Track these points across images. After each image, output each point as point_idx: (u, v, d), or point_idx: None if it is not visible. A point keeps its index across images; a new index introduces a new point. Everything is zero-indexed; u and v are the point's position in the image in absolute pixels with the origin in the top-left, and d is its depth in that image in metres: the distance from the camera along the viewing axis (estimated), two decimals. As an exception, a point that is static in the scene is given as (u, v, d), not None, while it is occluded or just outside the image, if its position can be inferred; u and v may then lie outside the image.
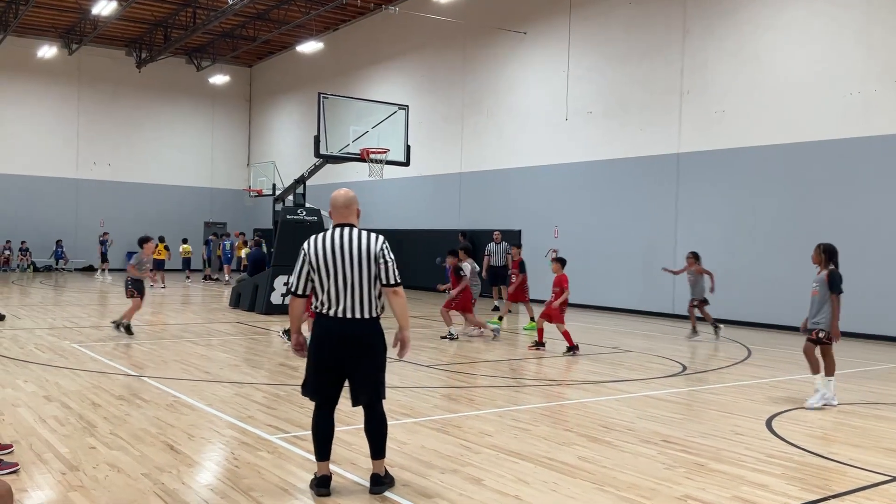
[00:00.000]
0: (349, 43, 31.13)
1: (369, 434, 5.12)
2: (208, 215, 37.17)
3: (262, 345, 12.34)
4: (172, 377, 9.14)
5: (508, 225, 23.13)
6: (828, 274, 8.47)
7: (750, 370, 10.96)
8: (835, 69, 15.88)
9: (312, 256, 5.03)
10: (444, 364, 10.69)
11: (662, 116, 19.21)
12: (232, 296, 18.72)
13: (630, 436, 6.78)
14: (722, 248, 17.75)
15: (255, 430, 6.66)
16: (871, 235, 14.98)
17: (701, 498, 5.12)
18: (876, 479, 5.65)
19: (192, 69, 36.19)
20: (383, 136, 17.61)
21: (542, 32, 22.65)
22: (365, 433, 5.15)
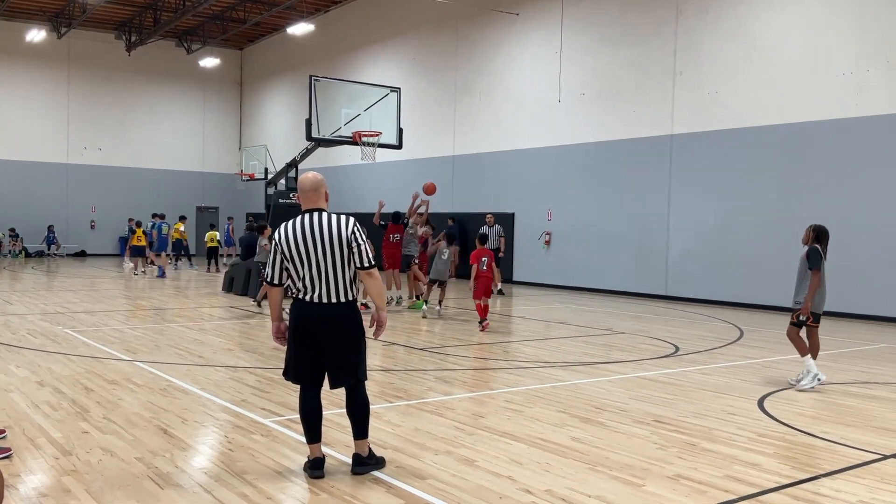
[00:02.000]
0: (341, 25, 30.93)
1: (351, 415, 5.13)
2: (200, 200, 37.05)
3: (256, 329, 12.33)
4: (166, 361, 9.13)
5: (502, 208, 23.11)
6: (807, 251, 8.50)
7: (742, 351, 11.01)
8: (828, 50, 15.87)
9: (283, 245, 5.00)
10: (437, 346, 10.70)
11: (656, 98, 19.18)
12: (225, 280, 18.69)
13: (623, 416, 6.81)
14: (715, 229, 17.79)
15: (249, 413, 6.66)
16: (863, 216, 15.03)
17: (693, 477, 5.15)
18: (867, 458, 5.69)
19: (182, 52, 35.93)
20: (375, 119, 17.57)
21: (535, 14, 22.54)
22: (347, 414, 5.16)
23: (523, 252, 22.77)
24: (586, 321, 14.22)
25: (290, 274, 5.05)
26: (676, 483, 5.03)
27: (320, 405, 5.14)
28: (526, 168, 22.78)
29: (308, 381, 5.10)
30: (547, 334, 12.49)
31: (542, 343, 11.57)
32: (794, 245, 15.64)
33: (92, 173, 34.39)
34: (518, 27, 23.13)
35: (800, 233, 16.08)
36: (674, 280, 18.69)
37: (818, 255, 8.49)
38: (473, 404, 7.18)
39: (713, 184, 17.90)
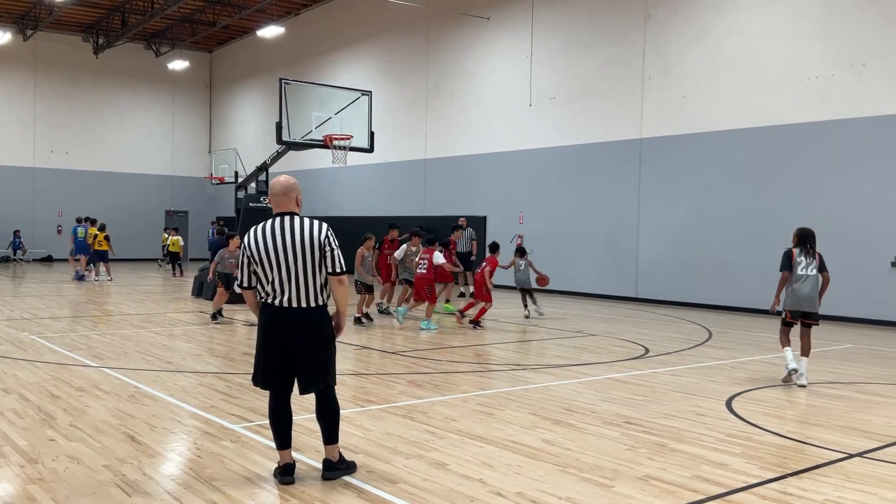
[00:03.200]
0: (311, 28, 30.83)
1: (321, 419, 5.10)
2: (169, 204, 36.68)
3: (226, 334, 12.23)
4: (133, 367, 9.02)
5: (474, 211, 23.16)
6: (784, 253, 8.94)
7: (710, 352, 11.13)
8: (794, 54, 16.11)
9: (252, 249, 4.96)
10: (409, 350, 10.69)
11: (625, 101, 19.34)
12: (194, 285, 18.51)
13: (593, 418, 6.85)
14: (684, 232, 17.97)
15: (218, 419, 6.60)
16: (829, 218, 15.25)
17: (662, 478, 5.19)
18: (833, 457, 5.78)
19: (150, 55, 35.56)
20: (346, 122, 17.53)
21: (506, 17, 22.64)
22: (317, 419, 5.13)
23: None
24: (558, 323, 14.28)
25: (258, 278, 5.02)
26: (646, 484, 5.07)
27: (290, 410, 5.10)
28: (497, 171, 22.85)
29: (277, 386, 5.06)
30: (519, 337, 12.52)
31: (514, 346, 11.60)
32: (762, 247, 15.90)
33: (58, 177, 33.89)
34: (489, 31, 23.21)
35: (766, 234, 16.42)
36: (644, 282, 18.84)
37: (785, 257, 8.86)
38: (445, 407, 7.18)
39: (682, 187, 18.09)
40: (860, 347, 11.92)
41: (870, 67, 14.97)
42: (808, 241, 8.92)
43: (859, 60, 15.11)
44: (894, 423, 6.89)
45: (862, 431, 6.59)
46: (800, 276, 8.79)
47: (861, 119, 15.08)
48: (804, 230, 9.01)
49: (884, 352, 11.54)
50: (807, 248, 8.89)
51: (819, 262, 8.91)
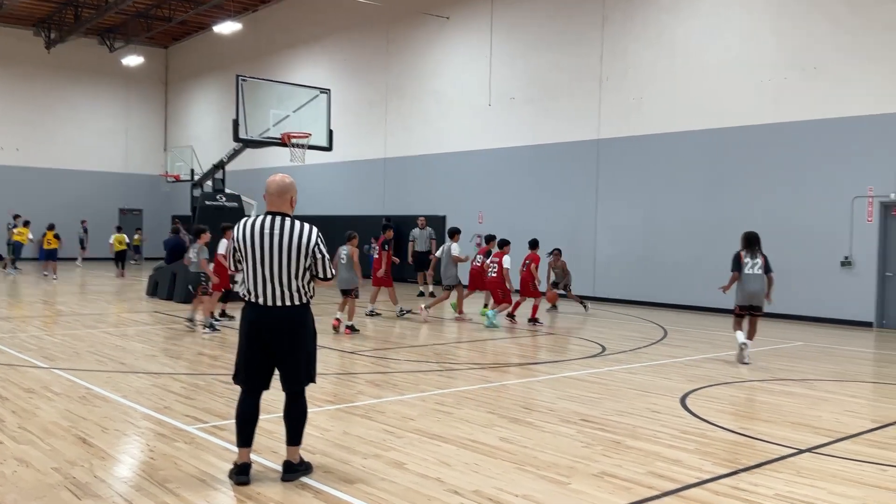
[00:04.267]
0: (269, 25, 30.53)
1: (288, 419, 5.07)
2: (123, 202, 36.03)
3: (181, 334, 12.05)
4: (85, 368, 8.85)
5: (433, 210, 23.15)
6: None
7: (666, 350, 11.28)
8: (748, 57, 16.40)
9: (240, 241, 4.99)
10: (368, 350, 10.65)
11: (583, 103, 19.50)
12: (149, 284, 18.22)
13: (550, 416, 6.90)
14: (640, 231, 18.18)
15: (172, 420, 6.50)
16: (780, 219, 15.57)
17: (617, 474, 5.25)
18: (783, 452, 5.89)
19: (104, 50, 34.90)
20: (305, 120, 17.37)
21: (465, 17, 22.68)
22: (284, 418, 5.10)
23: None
24: (516, 322, 14.34)
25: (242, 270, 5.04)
26: (601, 480, 5.12)
27: (257, 410, 5.09)
28: (457, 171, 22.88)
29: (254, 385, 5.05)
30: (478, 336, 12.55)
31: (473, 345, 11.63)
32: (717, 247, 16.16)
33: (9, 175, 33.04)
34: (448, 31, 23.22)
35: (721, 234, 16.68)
36: (601, 281, 19.02)
37: (735, 260, 10.21)
38: (404, 407, 7.17)
39: (639, 187, 18.30)
40: (810, 345, 12.18)
41: (821, 70, 15.30)
42: (753, 243, 10.15)
43: (810, 64, 15.44)
44: (843, 419, 7.06)
45: (812, 427, 6.73)
46: (747, 274, 10.07)
47: (813, 121, 15.41)
48: (749, 234, 10.28)
49: (833, 349, 11.81)
50: (752, 250, 10.10)
51: (764, 263, 10.07)
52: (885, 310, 14.70)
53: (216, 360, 9.61)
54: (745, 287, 10.07)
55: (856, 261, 14.86)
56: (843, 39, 15.03)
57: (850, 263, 14.90)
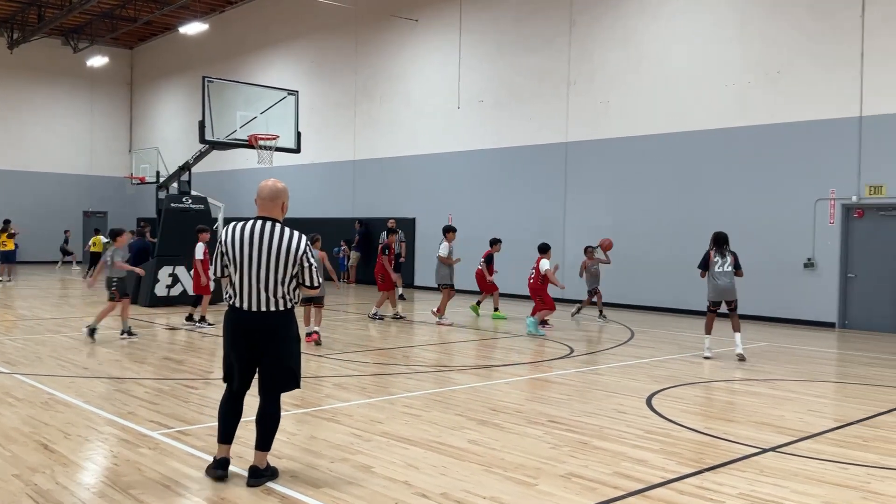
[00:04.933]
0: (237, 26, 30.30)
1: (261, 424, 5.03)
2: (87, 204, 35.50)
3: (146, 338, 11.91)
4: (48, 374, 8.70)
5: (403, 213, 23.14)
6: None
7: (633, 351, 11.37)
8: (713, 61, 16.61)
9: (227, 245, 4.96)
10: (335, 353, 10.60)
11: (551, 106, 19.62)
12: (114, 288, 17.93)
13: (518, 417, 6.92)
14: (608, 233, 18.25)
15: (136, 426, 6.42)
16: (744, 221, 15.78)
17: (584, 475, 5.28)
18: (747, 452, 5.97)
19: (68, 51, 34.37)
20: (273, 122, 17.25)
21: (434, 20, 22.69)
22: (256, 423, 5.05)
23: (424, 257, 22.84)
24: (486, 325, 14.37)
25: (229, 276, 5.01)
26: (568, 481, 5.15)
27: (240, 409, 5.12)
28: (427, 173, 22.88)
29: (244, 386, 5.07)
30: (447, 338, 12.56)
31: (442, 347, 11.63)
32: (683, 248, 16.34)
33: (-31, 176, 32.48)
34: (417, 33, 23.23)
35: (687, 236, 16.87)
36: (570, 283, 19.11)
37: (703, 258, 10.79)
38: (372, 410, 7.15)
39: (606, 189, 18.45)
40: (774, 346, 12.35)
41: (784, 75, 15.55)
42: (722, 243, 10.69)
43: (774, 68, 15.68)
44: (806, 419, 7.16)
45: (775, 427, 6.82)
46: (717, 272, 10.59)
47: (776, 125, 15.65)
48: (717, 234, 10.81)
49: (796, 350, 11.99)
50: (721, 249, 10.63)
51: (734, 261, 10.61)
52: (848, 310, 14.96)
53: (181, 364, 9.51)
54: (717, 284, 10.59)
55: (819, 262, 15.10)
56: (805, 45, 15.29)
57: (813, 265, 15.14)
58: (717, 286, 10.61)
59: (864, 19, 14.51)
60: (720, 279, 10.57)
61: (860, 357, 11.47)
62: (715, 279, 10.60)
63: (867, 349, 12.28)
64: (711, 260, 10.63)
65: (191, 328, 12.98)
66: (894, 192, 14.26)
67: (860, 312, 14.82)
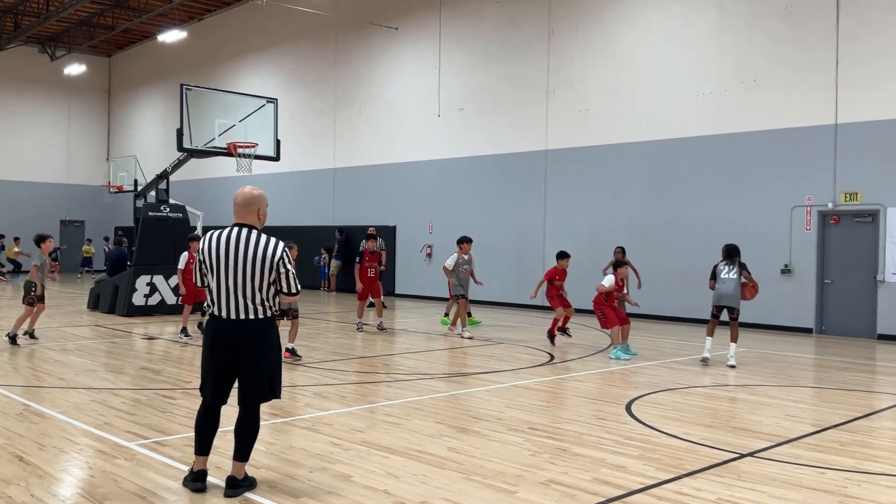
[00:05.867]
0: (215, 34, 30.20)
1: (239, 434, 4.98)
2: (65, 213, 35.20)
3: (123, 348, 11.79)
4: (23, 384, 8.59)
5: (384, 221, 23.11)
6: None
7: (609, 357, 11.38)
8: (690, 70, 16.76)
9: (205, 253, 4.94)
10: (315, 362, 10.55)
11: (531, 114, 19.70)
12: (90, 297, 17.80)
13: (498, 425, 6.91)
14: (587, 241, 18.39)
15: (113, 437, 6.34)
16: (721, 227, 15.90)
17: (563, 482, 5.28)
18: (725, 457, 5.99)
19: (45, 59, 34.10)
20: (251, 130, 17.18)
21: (414, 29, 22.74)
22: (234, 433, 5.00)
23: (405, 265, 22.84)
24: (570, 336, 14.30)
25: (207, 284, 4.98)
26: (548, 488, 5.15)
27: (217, 420, 5.07)
28: (407, 181, 22.88)
29: (216, 397, 5.01)
30: (427, 346, 12.54)
31: (423, 355, 11.61)
32: (662, 255, 16.44)
33: (-57, 185, 32.10)
34: (397, 41, 23.25)
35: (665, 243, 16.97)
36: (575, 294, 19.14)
37: (713, 271, 11.11)
38: (351, 419, 7.12)
39: (585, 196, 18.54)
40: (752, 351, 12.43)
41: (760, 83, 15.71)
42: (732, 254, 11.04)
43: (750, 77, 15.84)
44: (783, 424, 7.21)
45: (753, 432, 6.86)
46: (722, 279, 10.93)
47: (753, 132, 15.80)
48: (728, 246, 11.15)
49: (774, 355, 12.08)
50: (731, 260, 10.98)
51: (740, 271, 10.88)
52: (824, 316, 15.11)
53: (158, 374, 9.42)
54: (720, 289, 10.95)
55: (795, 268, 15.25)
56: (781, 53, 15.46)
57: (789, 271, 15.28)
58: (719, 290, 10.92)
59: (838, 27, 14.71)
60: (723, 285, 10.89)
61: (837, 362, 11.58)
62: (718, 285, 10.94)
63: (844, 354, 12.40)
64: (718, 268, 11.01)
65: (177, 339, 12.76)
66: (869, 199, 14.43)
67: (837, 318, 14.97)
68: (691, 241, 16.51)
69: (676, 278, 16.59)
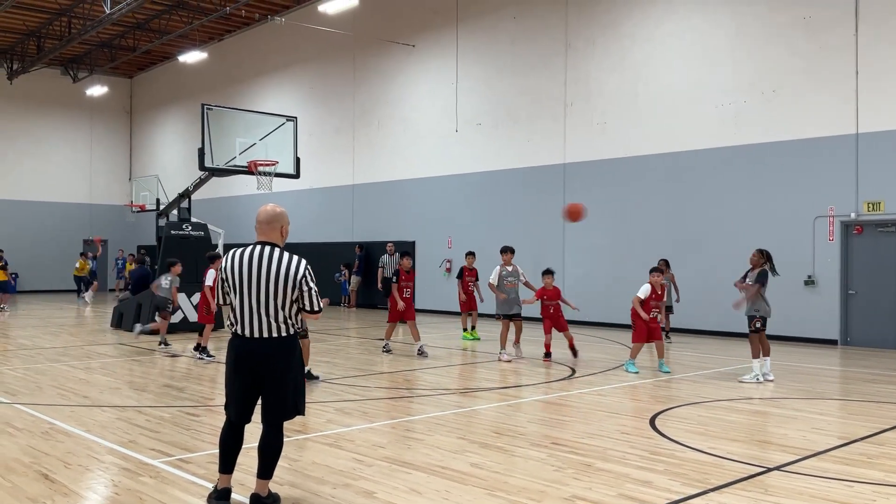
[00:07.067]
0: (235, 54, 30.53)
1: (263, 453, 4.98)
2: (88, 232, 35.57)
3: (146, 366, 11.88)
4: (48, 403, 8.67)
5: (402, 236, 23.17)
6: (759, 271, 10.44)
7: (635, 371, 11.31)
8: (708, 81, 16.72)
9: (228, 271, 4.95)
10: (337, 378, 10.57)
11: (548, 128, 19.71)
12: (114, 316, 17.95)
13: (521, 440, 6.88)
14: (607, 253, 18.32)
15: (137, 455, 6.38)
16: (742, 239, 15.77)
17: (588, 497, 5.24)
18: (751, 471, 5.93)
19: (68, 80, 34.63)
20: (272, 148, 17.33)
21: (431, 45, 22.87)
22: (258, 450, 5.01)
23: (425, 280, 22.84)
24: (487, 347, 14.33)
25: (229, 303, 4.98)
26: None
27: (241, 438, 5.06)
28: (426, 196, 22.94)
29: (240, 417, 5.01)
30: (448, 361, 12.52)
31: (444, 370, 11.59)
32: (682, 267, 16.34)
33: (-31, 206, 32.58)
34: (414, 58, 23.39)
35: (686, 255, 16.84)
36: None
37: (766, 275, 10.46)
38: (374, 435, 7.11)
39: (605, 210, 18.48)
40: (777, 364, 12.28)
41: (779, 94, 15.63)
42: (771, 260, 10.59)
43: (769, 87, 15.77)
44: (810, 437, 7.12)
45: (779, 445, 6.79)
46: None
47: (773, 143, 15.71)
48: (767, 252, 10.62)
49: (799, 367, 11.95)
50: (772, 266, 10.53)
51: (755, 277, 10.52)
52: (849, 327, 14.94)
53: (182, 391, 9.47)
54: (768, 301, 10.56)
55: (819, 279, 15.10)
56: (800, 63, 15.39)
57: (813, 282, 15.13)
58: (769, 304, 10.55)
59: (857, 36, 14.62)
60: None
61: (863, 374, 11.43)
62: (766, 297, 10.49)
63: (870, 366, 12.24)
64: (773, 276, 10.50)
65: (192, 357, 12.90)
66: (893, 208, 14.28)
67: (862, 329, 14.79)
68: (712, 253, 16.41)
69: (698, 291, 16.47)
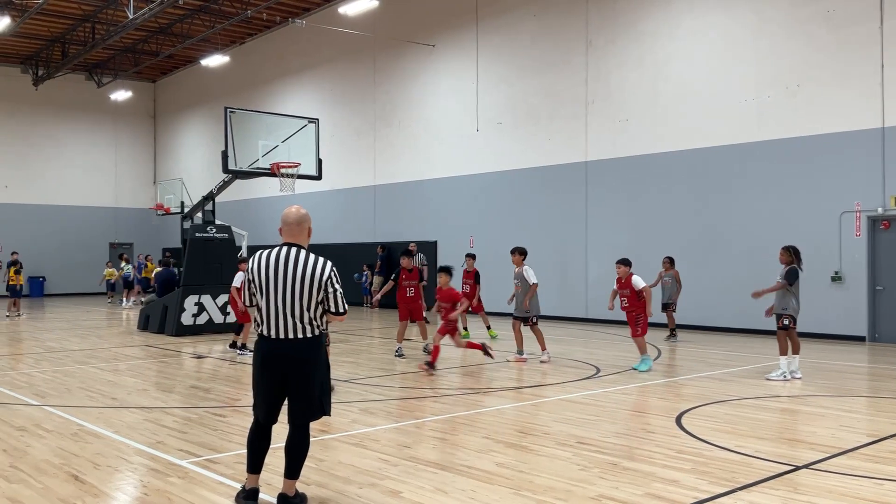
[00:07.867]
0: (256, 57, 30.72)
1: (290, 453, 5.01)
2: (113, 236, 35.99)
3: (173, 367, 11.99)
4: (77, 405, 8.78)
5: (424, 236, 23.19)
6: (788, 269, 10.27)
7: (660, 369, 11.26)
8: (730, 78, 16.58)
9: (254, 272, 4.98)
10: (361, 378, 10.61)
11: (570, 126, 19.64)
12: (140, 318, 18.14)
13: (546, 439, 6.87)
14: (629, 251, 18.13)
15: (166, 455, 6.45)
16: (767, 236, 15.64)
17: (614, 496, 5.23)
18: (779, 469, 5.88)
19: (92, 85, 35.03)
20: (294, 149, 17.41)
21: (451, 45, 22.87)
22: (285, 451, 5.04)
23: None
24: (508, 346, 14.30)
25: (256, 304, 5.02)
26: (598, 503, 5.09)
27: (268, 439, 5.10)
28: (447, 196, 22.95)
29: (267, 418, 5.04)
30: (471, 361, 12.51)
31: (467, 370, 11.59)
32: (705, 265, 16.22)
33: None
34: (434, 58, 23.41)
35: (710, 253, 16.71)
36: (593, 302, 19.03)
37: (797, 273, 10.31)
38: (399, 435, 7.13)
39: (627, 208, 18.40)
40: (804, 361, 12.14)
41: (803, 88, 15.47)
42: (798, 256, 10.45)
43: (794, 82, 15.61)
44: (839, 435, 7.05)
45: (808, 443, 6.72)
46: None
47: (797, 139, 15.55)
48: (794, 248, 10.47)
49: (826, 365, 11.83)
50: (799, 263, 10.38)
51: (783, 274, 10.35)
52: (877, 324, 14.75)
53: (209, 392, 9.55)
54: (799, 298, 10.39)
55: (846, 275, 14.92)
56: (821, 58, 15.22)
57: (840, 278, 14.96)
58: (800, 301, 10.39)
59: (882, 29, 14.43)
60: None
61: (892, 371, 11.29)
62: (799, 295, 10.30)
63: (899, 362, 12.08)
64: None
65: (233, 354, 13.22)
66: (921, 203, 14.09)
67: (890, 325, 14.60)
68: (737, 250, 16.27)
69: (722, 288, 16.35)
